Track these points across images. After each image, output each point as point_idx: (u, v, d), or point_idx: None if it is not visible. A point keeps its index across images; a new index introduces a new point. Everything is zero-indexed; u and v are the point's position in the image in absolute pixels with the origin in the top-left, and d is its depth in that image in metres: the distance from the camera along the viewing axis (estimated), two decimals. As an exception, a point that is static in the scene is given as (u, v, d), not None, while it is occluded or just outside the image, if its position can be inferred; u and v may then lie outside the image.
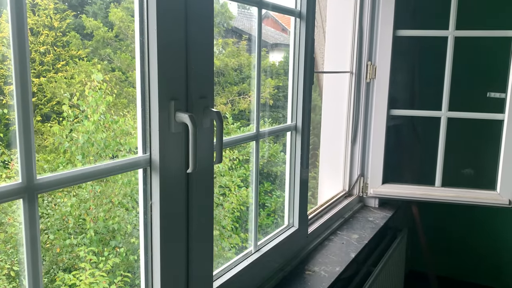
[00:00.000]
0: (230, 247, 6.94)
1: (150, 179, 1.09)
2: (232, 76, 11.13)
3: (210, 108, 1.18)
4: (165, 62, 1.05)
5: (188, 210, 1.18)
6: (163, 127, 1.07)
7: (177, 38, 1.08)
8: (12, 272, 4.89)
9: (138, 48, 1.04)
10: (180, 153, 1.12)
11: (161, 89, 1.05)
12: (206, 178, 1.22)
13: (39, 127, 10.25)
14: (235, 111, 10.43)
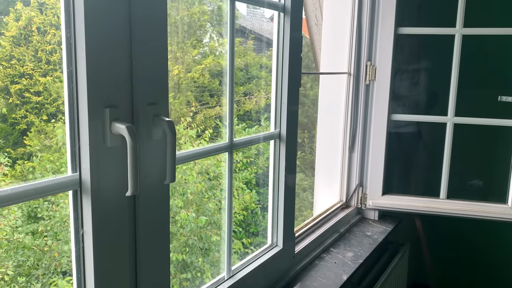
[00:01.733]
0: (232, 252, 6.74)
1: (81, 203, 0.90)
2: (238, 76, 10.96)
3: (161, 117, 0.99)
4: (97, 60, 0.86)
5: (136, 240, 0.99)
6: (95, 140, 0.88)
7: (115, 29, 0.89)
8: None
9: (64, 41, 0.85)
10: (119, 172, 0.92)
11: (91, 93, 0.86)
12: (158, 200, 1.02)
13: (42, 127, 10.19)
14: (240, 111, 10.26)
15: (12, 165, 8.04)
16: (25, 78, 11.36)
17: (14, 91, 11.19)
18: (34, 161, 7.32)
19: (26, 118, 11.24)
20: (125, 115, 0.92)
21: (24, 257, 5.32)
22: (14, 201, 0.78)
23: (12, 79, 11.51)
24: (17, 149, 10.80)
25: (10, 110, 10.90)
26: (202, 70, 9.96)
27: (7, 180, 4.89)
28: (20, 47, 11.27)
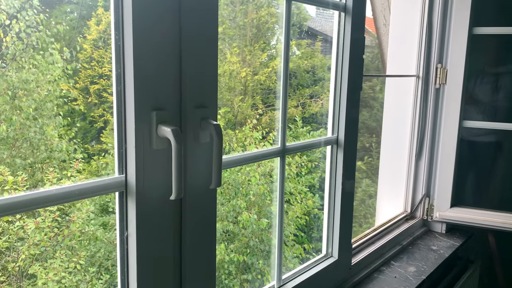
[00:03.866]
0: (293, 256, 6.68)
1: (126, 205, 0.90)
2: (304, 78, 10.87)
3: (208, 120, 0.96)
4: (145, 61, 0.86)
5: (181, 244, 0.98)
6: (141, 142, 0.87)
7: (164, 31, 0.88)
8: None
9: (113, 42, 0.86)
10: (164, 175, 0.92)
11: (138, 96, 0.85)
12: (203, 205, 1.00)
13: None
14: (305, 114, 10.16)
15: (89, 160, 8.58)
16: (103, 79, 12.07)
17: (93, 91, 11.94)
18: (108, 158, 7.75)
19: (103, 117, 11.94)
20: (172, 118, 0.91)
21: (96, 248, 5.64)
22: (60, 201, 0.79)
23: (92, 79, 12.27)
24: (94, 145, 11.52)
25: (89, 109, 11.62)
26: (269, 72, 9.97)
27: (81, 175, 5.21)
28: (99, 50, 11.98)
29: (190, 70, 0.93)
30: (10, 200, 0.73)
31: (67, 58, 6.51)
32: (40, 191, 0.77)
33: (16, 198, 0.74)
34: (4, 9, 5.78)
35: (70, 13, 13.11)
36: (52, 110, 6.31)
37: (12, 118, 5.80)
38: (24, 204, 0.75)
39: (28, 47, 6.16)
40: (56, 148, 6.09)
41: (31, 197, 0.76)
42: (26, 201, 0.75)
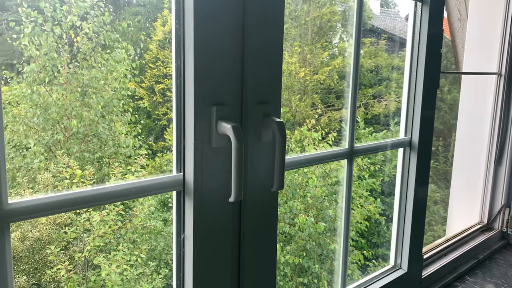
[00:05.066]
0: (352, 262, 6.48)
1: (183, 205, 0.85)
2: (367, 77, 10.57)
3: (271, 117, 0.89)
4: (206, 54, 0.80)
5: (240, 249, 0.91)
6: (200, 139, 0.81)
7: (227, 22, 0.82)
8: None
9: (174, 32, 0.81)
10: (224, 175, 0.85)
11: (197, 89, 0.79)
12: (264, 208, 0.93)
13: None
14: (368, 115, 9.87)
15: (153, 157, 8.87)
16: (167, 79, 12.45)
17: (157, 90, 12.35)
18: (170, 155, 7.96)
19: (166, 115, 12.32)
20: (233, 114, 0.85)
21: (156, 242, 5.78)
22: (117, 199, 0.75)
23: (157, 79, 12.70)
24: (158, 142, 11.91)
25: (153, 107, 12.04)
26: (330, 71, 9.77)
27: (145, 171, 5.36)
28: (164, 50, 12.36)
29: (253, 63, 0.87)
30: (73, 195, 0.71)
31: (133, 57, 6.76)
32: (96, 188, 0.73)
33: (77, 193, 0.71)
34: (75, 11, 6.08)
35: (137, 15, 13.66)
36: (119, 107, 6.57)
37: (82, 114, 6.09)
38: (84, 200, 0.72)
39: (96, 47, 6.45)
40: (123, 144, 6.33)
41: (90, 193, 0.73)
42: (85, 198, 0.72)
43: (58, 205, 0.69)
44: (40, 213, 0.66)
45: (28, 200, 0.65)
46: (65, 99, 6.09)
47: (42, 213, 0.67)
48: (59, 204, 0.69)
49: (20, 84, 6.09)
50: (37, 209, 0.66)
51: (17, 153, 6.05)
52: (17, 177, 5.26)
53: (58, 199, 0.69)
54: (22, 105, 6.22)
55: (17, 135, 6.17)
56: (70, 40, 6.26)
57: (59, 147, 6.01)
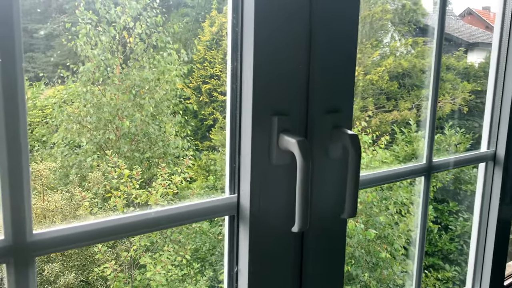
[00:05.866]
0: (402, 271, 6.18)
1: (237, 232, 0.72)
2: (420, 78, 10.14)
3: (342, 129, 0.74)
4: (267, 55, 0.66)
5: (302, 286, 0.77)
6: (259, 155, 0.68)
7: (292, 17, 0.68)
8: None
9: (230, 31, 0.68)
10: (285, 198, 0.72)
11: (257, 96, 0.66)
12: (331, 239, 0.79)
13: (225, 124, 11.16)
14: (420, 117, 9.46)
15: (198, 156, 8.90)
16: (214, 79, 12.53)
17: (204, 90, 12.47)
18: (217, 154, 7.95)
19: (212, 115, 12.42)
20: (297, 126, 0.71)
21: (201, 242, 5.75)
22: (162, 226, 0.64)
23: (204, 79, 12.82)
24: (203, 142, 12.01)
25: (200, 107, 12.18)
26: (382, 72, 9.42)
27: (191, 172, 5.34)
28: (211, 51, 12.45)
29: (321, 65, 0.72)
30: (111, 223, 0.60)
31: (183, 59, 6.79)
32: (137, 214, 0.62)
33: (116, 221, 0.60)
34: (128, 12, 6.17)
35: (186, 16, 13.86)
36: (168, 108, 6.61)
37: (134, 115, 6.17)
38: (123, 229, 0.61)
39: (148, 47, 6.53)
40: (173, 144, 6.37)
41: (130, 221, 0.61)
42: (124, 226, 0.61)
43: (94, 235, 0.58)
44: (72, 244, 0.56)
45: (56, 230, 0.55)
46: (117, 99, 6.20)
47: (75, 245, 0.56)
48: (96, 234, 0.58)
49: (75, 83, 6.26)
50: (68, 240, 0.56)
51: (70, 151, 6.22)
52: (70, 174, 5.39)
53: (95, 227, 0.58)
54: (76, 104, 6.39)
55: (70, 133, 6.34)
56: (123, 40, 6.37)
57: (110, 146, 6.12)
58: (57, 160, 5.98)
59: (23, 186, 0.51)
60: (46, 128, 7.18)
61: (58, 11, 10.74)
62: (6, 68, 0.50)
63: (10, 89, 0.50)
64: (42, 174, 4.78)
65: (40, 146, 6.69)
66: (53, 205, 4.61)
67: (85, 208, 4.48)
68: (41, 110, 8.00)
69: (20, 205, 0.52)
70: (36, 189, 4.82)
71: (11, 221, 0.51)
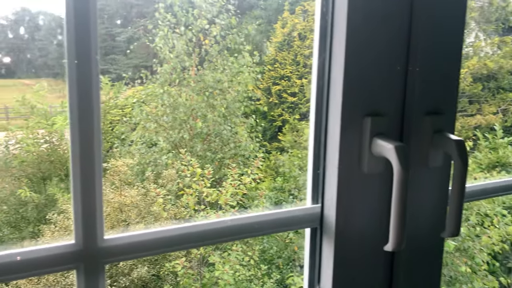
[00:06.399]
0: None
1: (320, 247, 0.64)
2: (507, 80, 9.39)
3: (444, 134, 0.64)
4: (360, 48, 0.58)
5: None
6: (348, 161, 0.60)
7: (389, 7, 0.59)
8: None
9: (319, 18, 0.61)
10: (377, 211, 0.63)
11: (347, 94, 0.58)
12: (426, 260, 0.68)
13: (295, 125, 11.05)
14: (507, 122, 8.76)
15: (267, 157, 8.91)
16: (284, 80, 12.50)
17: (274, 92, 12.47)
18: (285, 156, 7.91)
19: (282, 116, 12.38)
20: (393, 129, 0.62)
21: (269, 245, 5.72)
22: (237, 236, 0.58)
23: (274, 80, 12.84)
24: (272, 143, 12.01)
25: (269, 108, 12.20)
26: (464, 73, 8.85)
27: (260, 174, 5.32)
28: (282, 52, 12.43)
29: (422, 59, 0.63)
30: (185, 230, 0.55)
31: (256, 60, 6.81)
32: (212, 221, 0.57)
33: (190, 228, 0.55)
34: (205, 15, 6.31)
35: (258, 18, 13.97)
36: (239, 109, 6.67)
37: (206, 115, 6.29)
38: (198, 237, 0.56)
39: (222, 49, 6.63)
40: (244, 146, 6.42)
41: (205, 228, 0.56)
42: (199, 234, 0.56)
43: (167, 243, 0.54)
44: (144, 252, 0.52)
45: (128, 236, 0.51)
46: (192, 100, 6.36)
47: (147, 252, 0.52)
48: (169, 242, 0.54)
49: (153, 84, 6.52)
50: (140, 248, 0.52)
51: (147, 148, 6.48)
52: (146, 171, 5.59)
53: (168, 235, 0.54)
54: (153, 104, 6.64)
55: (148, 132, 6.60)
56: (199, 43, 6.53)
57: (184, 145, 6.30)
58: (134, 157, 6.26)
59: (95, 190, 0.48)
60: (126, 126, 7.55)
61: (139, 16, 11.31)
62: (82, 70, 0.48)
63: (85, 90, 0.48)
64: (120, 170, 5.00)
65: (119, 143, 7.05)
66: (129, 200, 4.80)
67: (159, 204, 4.61)
68: (121, 109, 8.46)
69: (91, 209, 0.48)
70: (114, 184, 5.06)
71: (82, 225, 0.47)
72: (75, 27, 0.47)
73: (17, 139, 6.13)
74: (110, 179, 5.08)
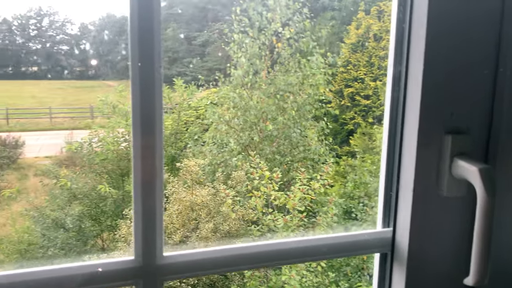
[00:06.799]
0: None
1: (390, 274, 0.59)
2: None
3: (541, 154, 0.56)
4: (442, 55, 0.52)
5: None
6: (424, 183, 0.55)
7: (476, 10, 0.53)
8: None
9: (394, 26, 0.56)
10: (456, 239, 0.56)
11: (425, 108, 0.53)
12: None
13: (367, 129, 10.72)
14: None
15: (337, 161, 8.71)
16: (357, 82, 12.18)
17: (346, 94, 12.20)
18: (356, 161, 7.67)
19: (353, 120, 12.06)
20: (477, 149, 0.55)
21: (337, 251, 5.58)
22: (301, 259, 0.55)
23: (346, 83, 12.55)
24: (343, 147, 11.73)
25: (341, 111, 11.95)
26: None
27: (330, 180, 5.21)
28: (356, 53, 12.13)
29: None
30: (246, 250, 0.53)
31: (328, 62, 6.69)
32: (275, 242, 0.54)
33: (252, 248, 0.53)
34: (278, 17, 6.31)
35: (332, 19, 13.76)
36: (310, 112, 6.59)
37: (277, 118, 6.29)
38: (260, 258, 0.54)
39: (295, 52, 6.59)
40: (314, 150, 6.33)
41: (268, 249, 0.54)
42: (261, 255, 0.54)
43: (229, 262, 0.52)
44: (205, 271, 0.51)
45: (188, 254, 0.50)
46: (262, 103, 6.39)
47: (208, 271, 0.51)
48: (231, 261, 0.52)
49: (226, 87, 6.64)
50: (200, 266, 0.50)
51: (219, 149, 6.61)
52: (217, 171, 5.70)
53: (230, 254, 0.52)
54: (225, 106, 6.77)
55: (219, 133, 6.74)
56: (272, 45, 6.55)
57: (253, 148, 6.34)
58: (206, 158, 6.41)
59: (155, 206, 0.47)
60: (198, 127, 7.78)
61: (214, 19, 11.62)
62: (145, 72, 0.48)
63: (148, 92, 0.48)
64: (192, 170, 5.14)
65: (192, 143, 7.27)
66: (200, 199, 4.92)
67: (228, 205, 4.68)
68: (195, 110, 8.73)
69: (152, 226, 0.48)
70: (186, 183, 5.22)
71: (142, 241, 0.47)
72: (138, 29, 0.47)
73: (99, 137, 6.55)
74: (182, 178, 5.25)
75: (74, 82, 13.79)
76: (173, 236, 4.65)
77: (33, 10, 16.49)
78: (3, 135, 12.63)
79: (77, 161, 8.68)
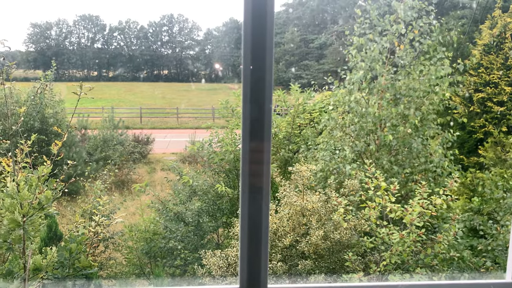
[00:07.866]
0: None
1: None
2: None
3: None
4: None
5: None
6: None
7: None
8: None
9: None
10: None
11: None
12: None
13: (500, 138, 9.60)
14: None
15: (463, 173, 7.96)
16: (489, 87, 11.02)
17: (476, 100, 11.09)
18: (485, 174, 6.93)
19: (484, 128, 10.92)
20: None
21: (461, 274, 5.12)
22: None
23: (476, 87, 11.45)
24: (470, 157, 10.70)
25: (469, 118, 10.89)
26: None
27: (454, 195, 4.79)
28: (489, 55, 10.99)
29: None
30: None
31: (457, 67, 6.13)
32: (383, 284, 0.49)
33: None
34: (401, 18, 5.97)
35: (461, 18, 12.61)
36: (434, 120, 6.11)
37: (397, 126, 5.93)
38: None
39: (418, 55, 6.18)
40: (437, 162, 5.86)
41: None
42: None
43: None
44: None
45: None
46: (381, 109, 6.10)
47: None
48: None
49: (340, 90, 6.46)
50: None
51: (332, 155, 6.48)
52: (329, 178, 5.61)
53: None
54: (340, 110, 6.60)
55: (333, 139, 6.61)
56: (393, 48, 6.22)
57: (369, 156, 6.10)
58: (318, 163, 6.34)
59: (261, 237, 0.46)
60: (312, 131, 7.74)
61: (332, 22, 11.48)
62: (256, 75, 0.47)
63: (258, 95, 0.47)
64: (304, 175, 5.14)
65: (304, 148, 7.27)
66: (310, 205, 4.90)
67: (339, 214, 4.58)
68: (309, 113, 8.71)
69: (257, 255, 0.47)
70: (297, 187, 5.23)
71: (247, 270, 0.46)
72: (251, 33, 0.47)
73: (218, 138, 6.91)
74: (293, 182, 5.28)
75: (198, 84, 14.81)
76: (283, 240, 4.69)
77: (165, 18, 17.98)
78: (136, 132, 14.09)
79: (198, 159, 9.27)
